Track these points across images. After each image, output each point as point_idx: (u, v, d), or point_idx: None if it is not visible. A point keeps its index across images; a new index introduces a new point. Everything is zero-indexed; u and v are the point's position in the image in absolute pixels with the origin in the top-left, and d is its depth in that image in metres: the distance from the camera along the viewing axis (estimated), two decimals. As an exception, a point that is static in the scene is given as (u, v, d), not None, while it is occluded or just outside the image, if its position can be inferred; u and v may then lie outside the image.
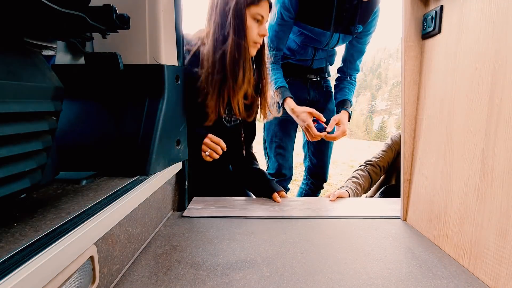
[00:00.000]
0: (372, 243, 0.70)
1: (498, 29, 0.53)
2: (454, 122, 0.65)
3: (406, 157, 0.82)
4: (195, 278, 0.55)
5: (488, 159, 0.55)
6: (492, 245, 0.53)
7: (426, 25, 0.74)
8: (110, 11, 0.50)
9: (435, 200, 0.71)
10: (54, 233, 0.38)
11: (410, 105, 0.80)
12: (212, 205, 0.94)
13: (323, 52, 1.53)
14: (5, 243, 0.35)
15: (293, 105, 1.35)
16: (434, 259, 0.64)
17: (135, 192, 0.58)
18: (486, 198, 0.55)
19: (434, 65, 0.73)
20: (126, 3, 0.69)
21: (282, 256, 0.63)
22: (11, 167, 0.39)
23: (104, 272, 0.49)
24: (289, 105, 1.36)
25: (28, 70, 0.43)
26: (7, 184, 0.40)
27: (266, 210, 0.91)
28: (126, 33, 0.66)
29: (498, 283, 0.52)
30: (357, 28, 1.39)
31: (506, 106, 0.51)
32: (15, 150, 0.39)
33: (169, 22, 0.76)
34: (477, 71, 0.58)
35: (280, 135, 1.60)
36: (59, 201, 0.49)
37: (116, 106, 0.71)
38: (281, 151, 1.61)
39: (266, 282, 0.54)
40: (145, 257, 0.62)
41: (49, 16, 0.43)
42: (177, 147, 0.81)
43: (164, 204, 0.81)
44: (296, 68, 1.58)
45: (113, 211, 0.49)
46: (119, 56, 0.60)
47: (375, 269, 0.59)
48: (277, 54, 1.45)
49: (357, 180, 1.34)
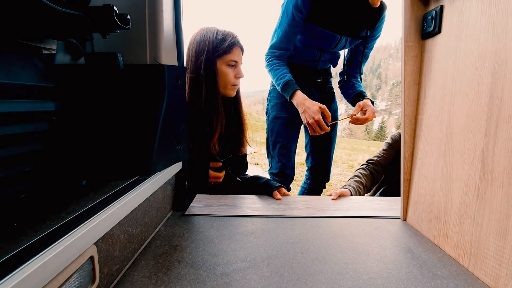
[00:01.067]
0: (372, 243, 0.70)
1: (498, 29, 0.53)
2: (454, 122, 0.65)
3: (406, 157, 0.82)
4: (195, 278, 0.55)
5: (488, 159, 0.55)
6: (492, 245, 0.53)
7: (426, 25, 0.74)
8: (111, 11, 0.50)
9: (435, 200, 0.71)
10: (54, 233, 0.38)
11: (410, 105, 0.80)
12: (214, 204, 0.94)
13: (329, 54, 1.55)
14: (5, 243, 0.35)
15: (304, 97, 1.34)
16: (434, 259, 0.64)
17: (135, 192, 0.58)
18: (486, 198, 0.55)
19: (434, 65, 0.73)
20: (126, 3, 0.69)
21: (282, 256, 0.63)
22: (11, 167, 0.39)
23: (104, 272, 0.49)
24: (299, 97, 1.35)
25: (28, 70, 0.43)
26: (7, 184, 0.40)
27: (267, 208, 0.91)
28: (126, 33, 0.66)
29: (498, 283, 0.52)
30: (365, 33, 1.42)
31: (506, 106, 0.51)
32: (15, 150, 0.39)
33: (169, 22, 0.76)
34: (477, 71, 0.58)
35: (285, 135, 1.60)
36: (59, 201, 0.49)
37: (116, 106, 0.71)
38: (285, 151, 1.62)
39: (266, 282, 0.54)
40: (145, 257, 0.62)
41: (49, 16, 0.43)
42: (177, 147, 0.81)
43: (164, 204, 0.81)
44: (301, 69, 1.58)
45: (113, 211, 0.49)
46: (119, 56, 0.60)
47: (375, 269, 0.59)
48: (284, 54, 1.46)
49: (359, 179, 1.34)
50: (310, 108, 1.31)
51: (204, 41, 1.12)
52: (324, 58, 1.56)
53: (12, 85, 0.39)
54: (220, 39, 1.12)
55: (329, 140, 1.71)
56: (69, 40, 0.59)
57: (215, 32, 1.14)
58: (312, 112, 1.30)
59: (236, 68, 1.15)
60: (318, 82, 1.63)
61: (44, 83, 0.45)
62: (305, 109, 1.32)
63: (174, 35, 0.79)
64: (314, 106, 1.30)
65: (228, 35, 1.14)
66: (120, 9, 0.53)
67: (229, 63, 1.13)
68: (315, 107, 1.30)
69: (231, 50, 1.12)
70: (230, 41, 1.12)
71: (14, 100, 0.39)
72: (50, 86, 0.46)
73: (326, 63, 1.62)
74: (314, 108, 1.30)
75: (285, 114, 1.59)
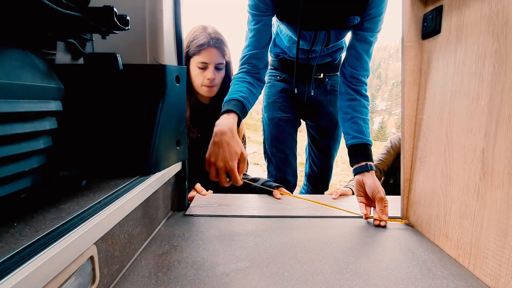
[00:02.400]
0: (372, 243, 0.70)
1: (498, 29, 0.53)
2: (454, 122, 0.65)
3: (406, 157, 0.82)
4: (195, 278, 0.55)
5: (488, 159, 0.55)
6: (492, 245, 0.53)
7: (426, 25, 0.74)
8: (110, 12, 0.50)
9: (435, 200, 0.71)
10: (54, 233, 0.38)
11: (410, 105, 0.80)
12: (215, 204, 0.94)
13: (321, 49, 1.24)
14: (5, 243, 0.35)
15: (232, 125, 0.86)
16: (434, 259, 0.64)
17: (135, 192, 0.58)
18: (486, 198, 0.55)
19: (434, 65, 0.73)
20: (126, 3, 0.69)
21: (282, 256, 0.63)
22: (11, 167, 0.40)
23: (104, 272, 0.49)
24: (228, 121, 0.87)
25: (28, 70, 0.43)
26: (7, 184, 0.40)
27: (267, 208, 0.91)
28: (126, 33, 0.66)
29: (498, 283, 0.52)
30: (353, 21, 1.01)
31: (506, 106, 0.51)
32: (15, 150, 0.39)
33: (169, 22, 0.76)
34: (477, 71, 0.58)
35: (281, 137, 1.42)
36: (59, 201, 0.49)
37: (116, 106, 0.71)
38: (283, 155, 1.43)
39: (266, 282, 0.54)
40: (145, 257, 0.62)
41: (49, 17, 0.43)
42: (177, 147, 0.81)
43: (164, 204, 0.81)
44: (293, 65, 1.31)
45: (113, 211, 0.49)
46: (118, 57, 0.60)
47: (375, 269, 0.59)
48: (255, 66, 1.03)
49: None
50: (228, 145, 0.82)
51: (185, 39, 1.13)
52: (315, 54, 1.27)
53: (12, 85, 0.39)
54: (192, 38, 1.13)
55: (332, 145, 1.51)
56: (69, 41, 0.59)
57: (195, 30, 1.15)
58: (228, 154, 0.82)
59: (207, 70, 1.14)
60: (316, 77, 1.38)
61: (45, 83, 0.45)
62: (219, 142, 0.82)
63: (174, 35, 0.80)
64: (235, 147, 0.83)
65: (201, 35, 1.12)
66: (120, 10, 0.53)
67: (198, 65, 1.13)
68: (236, 148, 0.83)
69: (200, 52, 1.11)
70: (199, 42, 1.11)
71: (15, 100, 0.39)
72: (50, 86, 0.46)
73: (324, 58, 1.33)
74: (234, 149, 0.82)
75: (280, 113, 1.41)
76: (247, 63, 1.03)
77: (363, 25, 1.01)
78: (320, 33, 1.10)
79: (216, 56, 1.14)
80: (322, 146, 1.53)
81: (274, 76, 1.46)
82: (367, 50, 1.04)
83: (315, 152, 1.57)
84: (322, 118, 1.47)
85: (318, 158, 1.57)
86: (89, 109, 0.70)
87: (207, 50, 1.11)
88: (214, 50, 1.13)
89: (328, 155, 1.54)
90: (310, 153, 1.61)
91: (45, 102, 0.45)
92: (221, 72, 1.20)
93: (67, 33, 0.54)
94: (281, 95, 1.43)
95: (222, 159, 0.81)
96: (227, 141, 0.82)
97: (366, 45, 1.03)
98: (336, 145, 1.54)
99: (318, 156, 1.56)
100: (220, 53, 1.15)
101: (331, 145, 1.52)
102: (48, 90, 0.46)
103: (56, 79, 0.50)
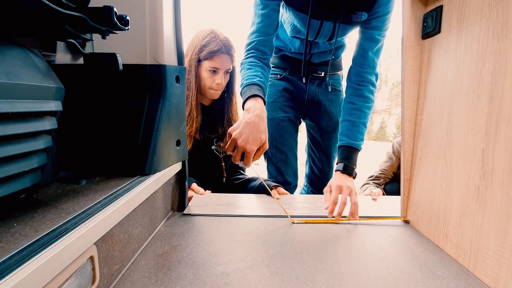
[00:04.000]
0: (372, 243, 0.70)
1: (498, 29, 0.53)
2: (454, 122, 0.65)
3: (406, 157, 0.82)
4: (195, 278, 0.55)
5: (488, 159, 0.55)
6: (492, 245, 0.53)
7: (426, 25, 0.74)
8: (110, 12, 0.50)
9: (435, 200, 0.71)
10: (54, 233, 0.38)
11: (410, 105, 0.80)
12: (214, 203, 0.94)
13: (323, 45, 1.24)
14: (5, 243, 0.35)
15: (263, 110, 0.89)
16: (434, 259, 0.64)
17: (135, 192, 0.58)
18: (486, 198, 0.55)
19: (434, 65, 0.73)
20: (126, 3, 0.69)
21: (282, 256, 0.63)
22: (11, 167, 0.40)
23: (104, 272, 0.49)
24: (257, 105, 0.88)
25: (28, 70, 0.43)
26: (7, 184, 0.40)
27: (267, 208, 0.91)
28: (126, 33, 0.66)
29: (498, 283, 0.52)
30: (360, 17, 1.03)
31: (506, 106, 0.51)
32: (15, 150, 0.39)
33: (169, 22, 0.76)
34: (477, 71, 0.58)
35: (281, 137, 1.40)
36: (59, 201, 0.49)
37: (116, 106, 0.71)
38: (283, 156, 1.40)
39: (266, 282, 0.54)
40: (145, 257, 0.62)
41: (49, 17, 0.43)
42: (177, 147, 0.81)
43: (164, 204, 0.81)
44: (294, 61, 1.33)
45: (113, 211, 0.49)
46: (118, 57, 0.60)
47: (375, 269, 0.59)
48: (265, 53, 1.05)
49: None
50: (257, 130, 0.83)
51: (194, 41, 1.16)
52: (317, 50, 1.25)
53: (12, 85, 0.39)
54: (205, 43, 1.16)
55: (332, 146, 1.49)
56: (69, 41, 0.59)
57: (206, 35, 1.17)
58: (253, 137, 0.82)
59: (217, 75, 1.17)
60: (318, 76, 1.36)
61: (45, 83, 0.45)
62: (251, 123, 0.83)
63: (174, 35, 0.80)
64: (261, 134, 0.83)
65: (214, 41, 1.15)
66: (120, 9, 0.53)
67: (209, 69, 1.16)
68: (262, 135, 0.83)
69: (213, 57, 1.14)
70: (213, 48, 1.14)
71: (14, 100, 0.39)
72: (50, 86, 0.46)
73: (326, 55, 1.31)
74: (260, 136, 0.83)
75: (280, 113, 1.39)
76: (255, 49, 1.04)
77: (371, 23, 1.03)
78: (326, 23, 1.10)
79: (227, 62, 1.17)
80: (322, 147, 1.51)
81: (275, 75, 1.44)
82: (374, 48, 1.05)
83: (315, 152, 1.54)
84: (323, 118, 1.46)
85: (318, 159, 1.54)
86: (89, 109, 0.70)
87: (219, 56, 1.14)
88: (227, 56, 1.16)
89: (328, 156, 1.52)
90: (310, 154, 1.58)
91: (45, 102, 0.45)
92: (227, 76, 1.23)
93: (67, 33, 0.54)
94: (281, 95, 1.41)
95: (245, 139, 0.81)
96: (257, 126, 0.83)
97: (372, 43, 1.04)
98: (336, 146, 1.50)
99: (318, 157, 1.54)
100: (231, 60, 1.19)
101: (331, 145, 1.51)
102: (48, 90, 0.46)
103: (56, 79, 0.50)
